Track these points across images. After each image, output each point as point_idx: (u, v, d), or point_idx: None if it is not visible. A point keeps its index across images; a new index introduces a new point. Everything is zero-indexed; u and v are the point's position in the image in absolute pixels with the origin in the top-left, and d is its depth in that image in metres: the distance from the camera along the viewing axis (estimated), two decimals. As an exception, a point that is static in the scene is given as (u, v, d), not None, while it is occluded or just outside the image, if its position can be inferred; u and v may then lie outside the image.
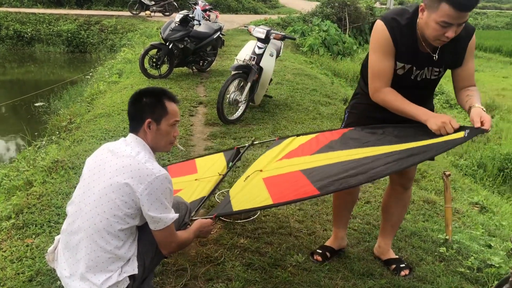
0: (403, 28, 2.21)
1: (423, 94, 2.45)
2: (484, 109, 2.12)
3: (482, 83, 11.89)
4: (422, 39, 2.21)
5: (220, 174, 2.98)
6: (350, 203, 2.85)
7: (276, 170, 2.53)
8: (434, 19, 2.05)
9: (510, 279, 1.67)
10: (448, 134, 2.06)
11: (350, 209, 2.90)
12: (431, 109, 2.56)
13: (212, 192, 2.84)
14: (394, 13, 2.28)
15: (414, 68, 2.30)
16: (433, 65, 2.29)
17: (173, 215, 2.05)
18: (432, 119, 2.13)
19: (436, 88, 9.46)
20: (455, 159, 6.76)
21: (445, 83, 10.90)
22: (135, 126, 2.11)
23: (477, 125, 2.01)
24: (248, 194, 2.45)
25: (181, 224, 2.30)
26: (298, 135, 2.90)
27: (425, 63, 2.28)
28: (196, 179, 3.06)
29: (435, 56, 2.24)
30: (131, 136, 2.11)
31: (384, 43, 2.24)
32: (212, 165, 3.15)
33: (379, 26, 2.25)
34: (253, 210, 3.01)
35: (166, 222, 2.01)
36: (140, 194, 1.93)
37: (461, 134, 2.01)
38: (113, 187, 1.95)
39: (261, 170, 2.61)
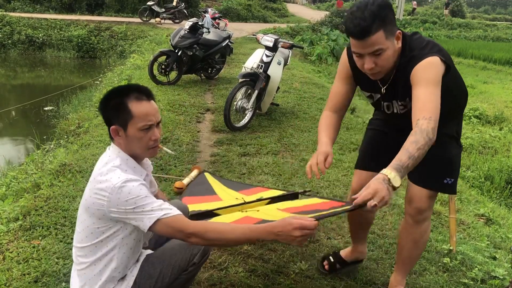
0: None
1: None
2: (392, 174, 1.75)
3: (491, 95, 11.80)
4: None
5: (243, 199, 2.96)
6: (365, 224, 2.75)
7: (259, 213, 2.53)
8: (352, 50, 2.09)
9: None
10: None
11: (366, 229, 2.80)
12: (448, 134, 2.27)
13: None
14: None
15: (381, 98, 2.31)
16: (397, 98, 2.22)
17: (164, 208, 1.75)
18: None
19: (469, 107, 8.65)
20: (462, 170, 6.71)
21: (480, 100, 10.87)
22: (109, 132, 1.88)
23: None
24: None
25: None
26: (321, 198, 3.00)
27: (390, 96, 2.25)
28: (236, 198, 3.05)
29: (383, 89, 2.24)
30: (111, 143, 1.92)
31: (342, 67, 2.35)
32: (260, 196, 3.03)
33: (344, 52, 2.35)
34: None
35: (154, 215, 1.72)
36: (107, 208, 1.74)
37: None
38: (89, 201, 1.80)
39: (258, 210, 2.62)
